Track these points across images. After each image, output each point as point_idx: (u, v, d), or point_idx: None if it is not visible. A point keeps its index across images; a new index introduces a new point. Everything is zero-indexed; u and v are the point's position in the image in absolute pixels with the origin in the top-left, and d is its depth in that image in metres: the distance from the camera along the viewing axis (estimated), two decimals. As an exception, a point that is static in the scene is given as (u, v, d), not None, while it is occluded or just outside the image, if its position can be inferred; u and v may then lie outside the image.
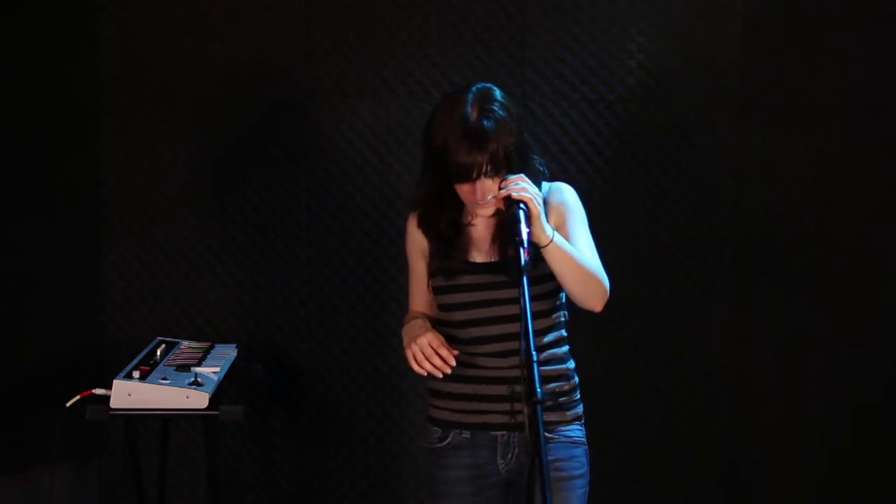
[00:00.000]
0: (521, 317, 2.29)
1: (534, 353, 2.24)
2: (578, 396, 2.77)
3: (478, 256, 2.68)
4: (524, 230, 2.40)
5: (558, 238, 2.53)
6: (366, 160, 3.88)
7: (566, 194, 2.73)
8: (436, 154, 2.57)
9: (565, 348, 2.76)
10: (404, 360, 3.90)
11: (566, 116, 3.83)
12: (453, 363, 2.55)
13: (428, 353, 2.55)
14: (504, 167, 2.56)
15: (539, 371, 2.37)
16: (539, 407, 2.19)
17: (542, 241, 2.49)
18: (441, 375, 2.56)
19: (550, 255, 2.52)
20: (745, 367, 3.95)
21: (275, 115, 3.87)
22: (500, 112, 2.57)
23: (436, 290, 2.73)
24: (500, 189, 2.52)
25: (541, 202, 2.50)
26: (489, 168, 2.54)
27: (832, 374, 3.94)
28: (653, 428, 3.97)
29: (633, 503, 4.01)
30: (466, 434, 2.71)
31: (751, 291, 3.93)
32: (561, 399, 2.71)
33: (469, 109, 2.55)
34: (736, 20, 3.83)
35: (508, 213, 2.47)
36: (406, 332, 2.67)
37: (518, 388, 2.59)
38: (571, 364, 2.77)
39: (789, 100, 3.87)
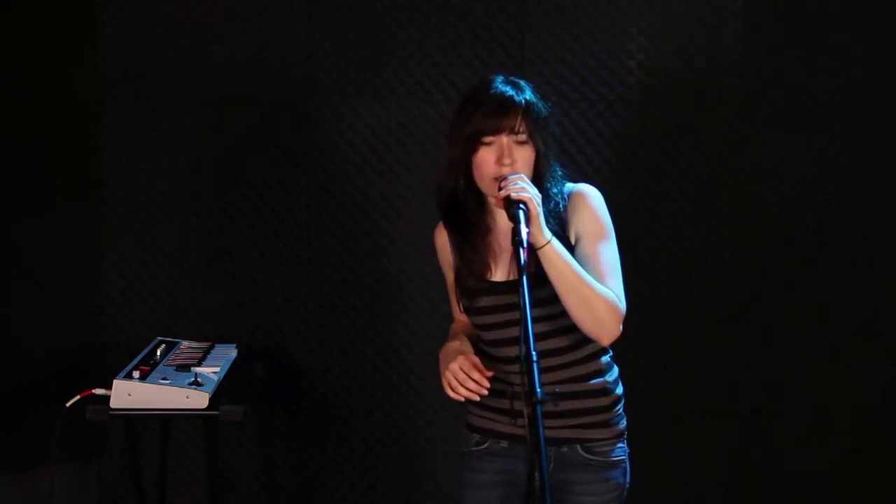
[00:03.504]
0: (520, 318, 2.27)
1: (534, 353, 2.22)
2: (620, 410, 2.73)
3: (497, 274, 2.65)
4: (524, 230, 2.37)
5: (556, 244, 2.50)
6: (366, 160, 3.88)
7: (594, 202, 2.66)
8: (464, 122, 2.56)
9: (605, 359, 2.71)
10: (403, 361, 3.94)
11: (566, 116, 3.83)
12: (488, 385, 2.53)
13: (461, 379, 2.53)
14: (534, 134, 2.55)
15: (578, 387, 2.48)
16: (539, 407, 2.18)
17: (540, 241, 2.46)
18: (478, 398, 2.54)
19: (546, 260, 2.49)
20: (744, 367, 3.95)
21: (275, 115, 3.87)
22: (530, 88, 2.63)
23: (464, 311, 2.72)
24: (499, 189, 2.51)
25: (540, 202, 2.48)
26: (520, 126, 2.54)
27: (832, 374, 3.94)
28: (653, 428, 3.97)
29: (633, 503, 4.01)
30: (504, 443, 2.71)
31: (751, 291, 3.93)
32: (599, 416, 2.68)
33: (500, 79, 2.62)
34: (736, 20, 3.83)
35: (508, 213, 2.46)
36: (442, 357, 2.65)
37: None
38: (611, 376, 2.72)
39: (789, 100, 3.87)
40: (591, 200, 2.66)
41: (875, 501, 3.99)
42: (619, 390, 2.74)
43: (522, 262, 2.31)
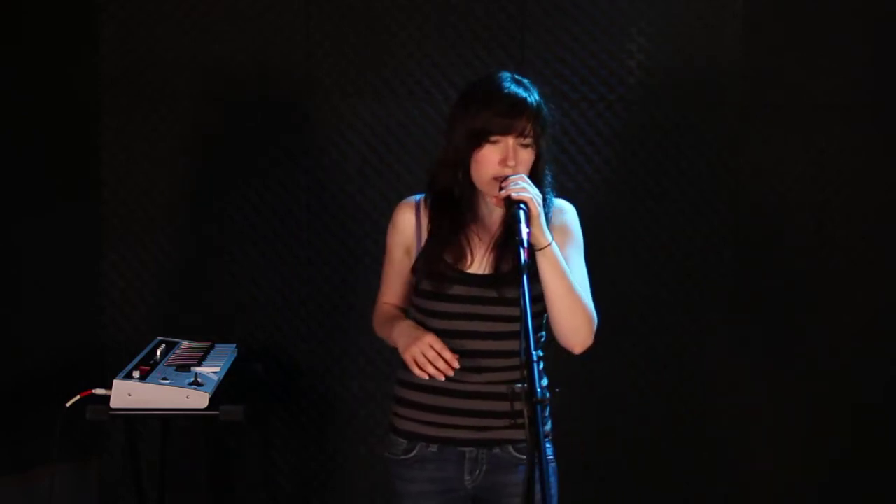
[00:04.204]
0: (521, 316, 2.26)
1: (534, 353, 2.22)
2: (547, 413, 2.73)
3: (471, 266, 2.64)
4: (524, 230, 2.38)
5: (556, 247, 2.51)
6: (366, 160, 3.88)
7: (570, 216, 2.69)
8: (472, 117, 2.55)
9: (540, 366, 2.73)
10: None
11: (566, 116, 3.83)
12: (457, 366, 2.52)
13: (431, 357, 2.51)
14: (539, 138, 2.56)
15: (517, 387, 2.39)
16: (539, 407, 2.18)
17: (542, 242, 2.47)
18: (444, 378, 2.53)
19: (545, 261, 2.49)
20: (744, 366, 3.95)
21: (275, 115, 3.87)
22: (536, 88, 2.63)
23: (420, 294, 2.68)
24: (500, 189, 2.51)
25: (541, 202, 2.48)
26: (528, 128, 2.53)
27: (832, 374, 3.94)
28: (653, 428, 3.97)
29: (633, 503, 4.01)
30: (433, 448, 2.67)
31: (751, 291, 3.93)
32: None
33: (508, 76, 2.62)
34: (736, 20, 3.83)
35: (509, 212, 2.46)
36: (399, 333, 2.63)
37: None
38: (545, 381, 2.72)
39: (789, 100, 3.87)
40: (569, 215, 2.70)
41: (875, 502, 3.99)
42: (548, 394, 2.74)
43: (523, 261, 2.31)
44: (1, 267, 3.59)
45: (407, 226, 2.72)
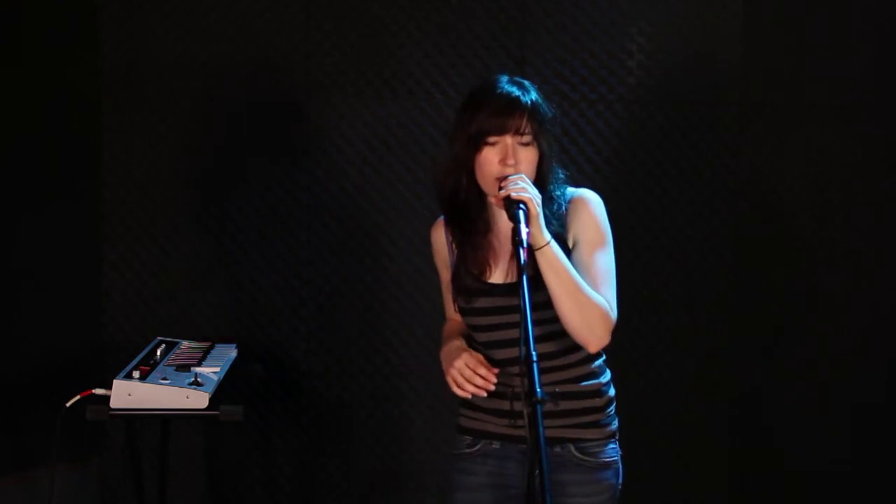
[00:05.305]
0: (520, 317, 2.26)
1: (533, 353, 2.22)
2: (612, 411, 2.73)
3: (496, 276, 2.65)
4: (524, 230, 2.37)
5: (555, 246, 2.50)
6: (366, 160, 3.88)
7: (593, 208, 2.66)
8: (469, 121, 2.55)
9: (598, 362, 2.71)
10: (403, 361, 3.94)
11: (566, 116, 3.83)
12: (494, 381, 2.55)
13: (468, 375, 2.55)
14: (538, 136, 2.56)
15: (571, 388, 2.51)
16: (539, 407, 2.18)
17: (539, 241, 2.46)
18: (485, 395, 2.56)
19: (544, 261, 2.48)
20: (744, 367, 3.95)
21: (275, 115, 3.87)
22: (535, 88, 2.63)
23: (459, 311, 2.72)
24: (499, 189, 2.51)
25: (540, 203, 2.48)
26: (525, 127, 2.53)
27: (832, 374, 3.94)
28: (653, 428, 3.97)
29: (633, 503, 4.01)
30: (497, 444, 2.69)
31: (751, 291, 3.93)
32: (592, 416, 2.68)
33: (506, 78, 2.62)
34: (736, 20, 3.83)
35: (508, 213, 2.45)
36: (444, 356, 2.66)
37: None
38: (605, 378, 2.72)
39: (789, 100, 3.87)
40: (592, 207, 2.67)
41: (875, 502, 3.99)
42: (612, 392, 2.75)
43: (522, 261, 2.31)
44: (1, 267, 3.59)
45: (440, 244, 2.77)
